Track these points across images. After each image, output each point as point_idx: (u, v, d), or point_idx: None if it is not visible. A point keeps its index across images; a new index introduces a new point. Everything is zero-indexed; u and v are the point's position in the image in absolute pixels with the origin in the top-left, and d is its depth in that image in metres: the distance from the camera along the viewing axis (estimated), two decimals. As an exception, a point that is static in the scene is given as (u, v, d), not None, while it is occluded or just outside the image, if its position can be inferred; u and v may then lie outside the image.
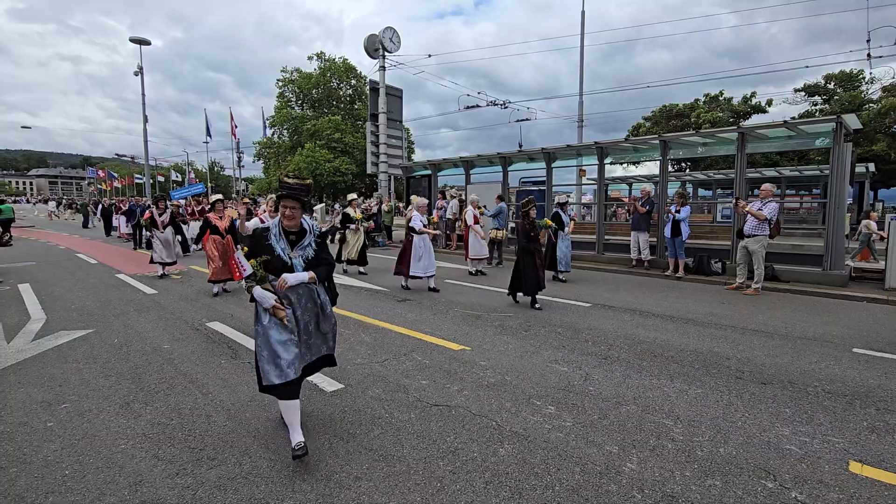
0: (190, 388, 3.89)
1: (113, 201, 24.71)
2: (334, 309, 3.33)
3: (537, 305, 6.85)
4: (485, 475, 2.67)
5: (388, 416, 3.39)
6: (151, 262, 9.51)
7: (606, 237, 12.09)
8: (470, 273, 10.07)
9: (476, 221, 10.19)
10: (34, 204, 46.12)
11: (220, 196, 8.63)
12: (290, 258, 2.93)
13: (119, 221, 19.14)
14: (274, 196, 5.25)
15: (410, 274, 8.04)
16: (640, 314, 6.54)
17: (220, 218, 8.06)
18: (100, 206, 24.36)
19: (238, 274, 2.85)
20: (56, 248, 15.38)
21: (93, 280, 9.18)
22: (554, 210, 9.56)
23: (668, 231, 9.54)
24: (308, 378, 4.09)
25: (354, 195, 10.92)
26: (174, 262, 9.75)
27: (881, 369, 4.38)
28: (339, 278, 9.40)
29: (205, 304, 7.08)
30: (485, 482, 2.60)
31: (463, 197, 15.90)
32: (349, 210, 10.05)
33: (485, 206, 12.91)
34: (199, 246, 13.95)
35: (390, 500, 2.44)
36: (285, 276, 2.84)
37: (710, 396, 3.75)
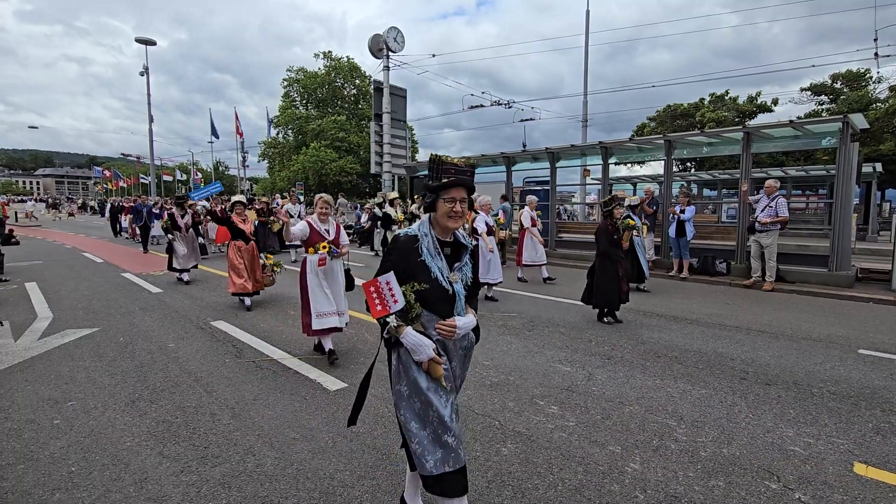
0: (195, 387, 3.91)
1: (117, 201, 24.45)
2: None
3: (607, 320, 6.03)
4: (487, 474, 2.67)
5: (390, 415, 3.40)
6: (170, 268, 8.89)
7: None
8: (519, 279, 9.13)
9: (533, 224, 9.12)
10: (34, 203, 46.53)
11: (240, 197, 7.54)
12: (451, 284, 1.98)
13: (126, 221, 19.10)
14: (324, 195, 4.66)
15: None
16: (644, 314, 6.52)
17: (244, 221, 7.03)
18: (108, 206, 24.35)
19: (381, 307, 1.83)
20: (62, 247, 15.50)
21: (98, 279, 9.24)
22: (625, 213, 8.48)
23: (672, 231, 9.51)
24: (310, 377, 4.12)
25: (396, 193, 10.13)
26: (195, 266, 9.18)
27: (887, 370, 4.35)
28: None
29: (209, 303, 7.12)
30: (487, 481, 2.60)
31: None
32: (391, 210, 9.18)
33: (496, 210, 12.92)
34: (215, 249, 13.68)
35: (393, 498, 2.45)
36: (457, 320, 1.95)
37: (713, 397, 3.74)
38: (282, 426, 3.23)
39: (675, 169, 13.00)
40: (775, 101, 30.53)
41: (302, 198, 14.05)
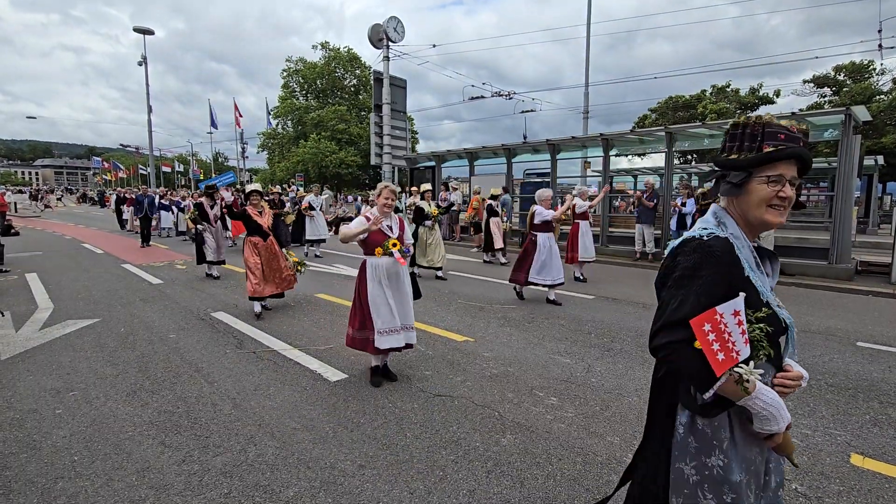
0: (196, 377, 3.93)
1: (122, 192, 23.03)
2: (328, 297, 3.37)
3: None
4: (487, 464, 2.69)
5: (391, 406, 3.42)
6: (199, 261, 8.44)
7: (610, 229, 12.05)
8: (577, 279, 8.32)
9: (585, 217, 8.38)
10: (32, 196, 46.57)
11: (256, 186, 6.57)
12: (782, 311, 1.38)
13: (128, 213, 18.31)
14: (389, 184, 3.80)
15: (529, 280, 6.51)
16: (644, 307, 6.53)
17: (260, 214, 6.09)
18: (113, 197, 22.96)
19: (725, 354, 1.12)
20: (62, 238, 15.49)
21: (99, 270, 9.25)
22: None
23: (674, 224, 9.50)
24: (311, 367, 4.14)
25: (428, 185, 8.83)
26: (223, 262, 8.68)
27: (885, 363, 4.37)
28: (345, 268, 9.43)
29: (210, 293, 7.13)
30: (487, 471, 2.63)
31: (466, 189, 15.86)
32: (423, 204, 8.22)
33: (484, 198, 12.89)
34: (231, 242, 12.98)
35: (393, 487, 2.48)
36: (795, 367, 1.38)
37: (712, 389, 3.75)
38: (282, 416, 3.25)
39: (675, 161, 12.96)
40: (777, 93, 30.36)
41: (325, 189, 13.31)
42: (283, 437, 2.97)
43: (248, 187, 6.42)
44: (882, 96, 25.54)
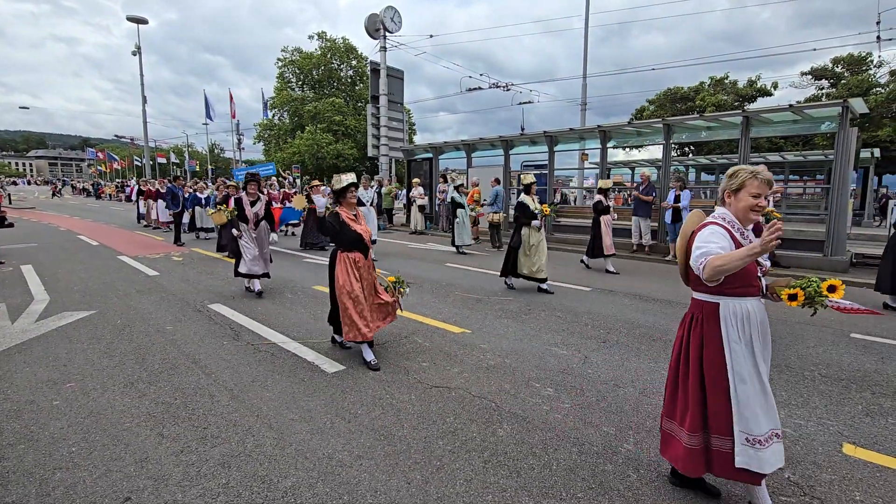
0: (193, 369, 3.94)
1: (139, 182, 20.37)
2: (327, 289, 3.23)
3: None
4: (483, 454, 2.71)
5: (389, 397, 3.44)
6: (237, 274, 6.59)
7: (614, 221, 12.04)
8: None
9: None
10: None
11: (351, 177, 4.22)
12: None
13: (156, 207, 15.61)
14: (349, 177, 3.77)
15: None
16: (640, 298, 6.56)
17: (355, 218, 4.19)
18: (134, 189, 20.29)
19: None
20: (57, 229, 15.40)
21: (95, 262, 9.21)
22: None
23: (668, 217, 9.52)
24: (308, 359, 4.15)
25: (532, 177, 7.34)
26: (266, 275, 6.70)
27: (878, 354, 4.41)
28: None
29: (206, 286, 7.11)
30: (483, 461, 2.65)
31: (463, 181, 15.81)
32: (528, 199, 6.85)
33: (485, 200, 12.89)
34: (274, 236, 11.43)
35: (391, 478, 2.49)
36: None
37: (707, 380, 3.79)
38: (280, 407, 3.26)
39: (673, 153, 12.95)
40: (775, 85, 30.28)
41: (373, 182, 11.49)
42: (281, 428, 2.99)
43: (342, 179, 4.13)
44: (879, 89, 25.53)
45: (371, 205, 9.75)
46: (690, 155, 29.65)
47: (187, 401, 3.36)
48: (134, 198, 19.54)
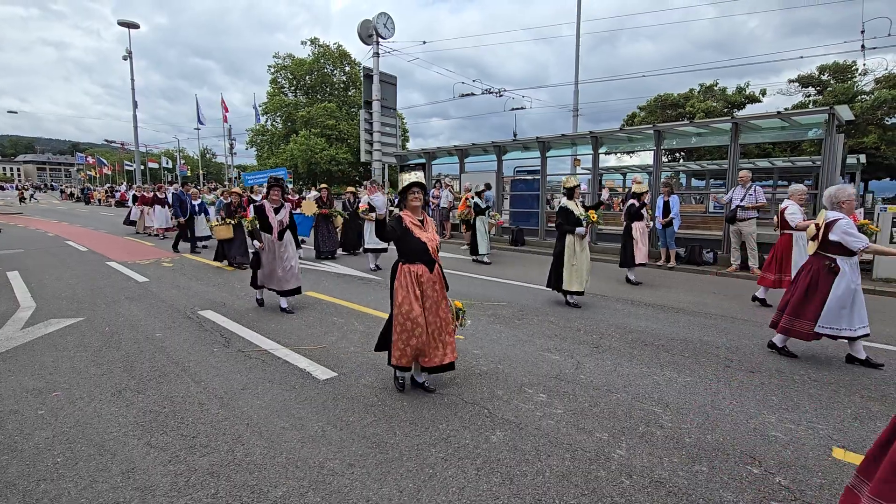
0: (182, 377, 3.89)
1: (134, 189, 18.74)
2: (318, 295, 3.13)
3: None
4: (476, 461, 2.70)
5: (381, 404, 3.41)
6: (254, 284, 5.94)
7: (599, 227, 12.11)
8: (756, 299, 6.60)
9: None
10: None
11: (417, 176, 3.58)
12: None
13: (153, 214, 14.78)
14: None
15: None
16: (632, 303, 6.59)
17: (421, 225, 3.56)
18: (130, 194, 18.98)
19: None
20: (45, 235, 15.19)
21: (83, 268, 9.09)
22: None
23: (658, 223, 9.59)
24: (300, 366, 4.12)
25: (576, 180, 6.54)
26: (297, 291, 5.89)
27: (866, 358, 4.45)
28: (334, 266, 9.37)
29: (196, 292, 7.04)
30: (476, 468, 2.63)
31: (457, 186, 15.86)
32: (571, 204, 6.20)
33: (474, 195, 12.90)
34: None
35: (383, 486, 2.47)
36: None
37: (698, 384, 3.81)
38: (271, 415, 3.23)
39: (664, 159, 13.07)
40: (763, 92, 30.76)
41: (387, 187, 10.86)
42: (272, 437, 2.95)
43: (403, 178, 3.56)
44: (864, 96, 26.00)
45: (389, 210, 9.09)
46: (681, 161, 29.96)
47: (176, 409, 3.31)
48: (130, 203, 18.20)
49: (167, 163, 52.98)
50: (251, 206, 6.12)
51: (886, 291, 7.27)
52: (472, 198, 10.83)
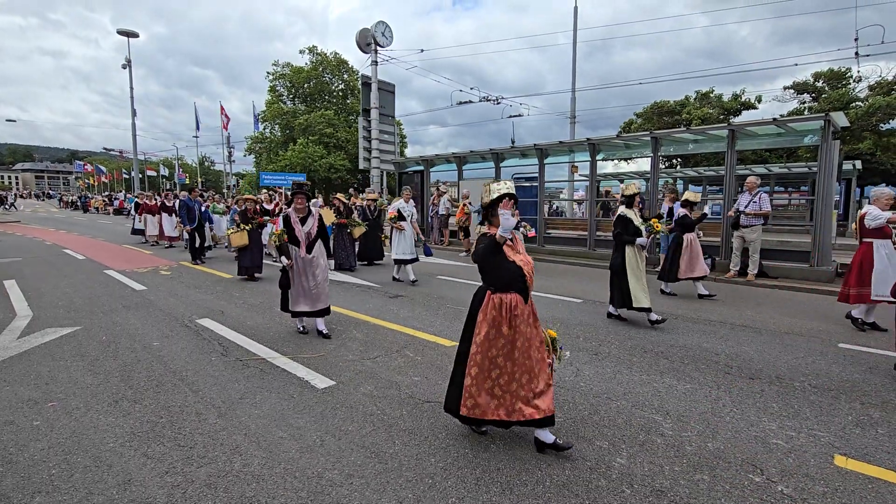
0: (179, 386, 3.86)
1: (138, 196, 17.96)
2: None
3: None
4: (476, 471, 2.68)
5: (380, 413, 3.39)
6: (284, 307, 5.29)
7: (598, 233, 12.14)
8: (856, 320, 5.74)
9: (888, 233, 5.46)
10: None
11: (507, 186, 2.96)
12: None
13: (159, 222, 14.42)
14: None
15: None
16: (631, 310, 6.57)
17: (513, 244, 2.98)
18: (133, 204, 18.12)
19: None
20: (42, 243, 15.15)
21: (80, 276, 9.05)
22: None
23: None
24: (298, 375, 4.09)
25: (637, 186, 6.06)
26: (326, 311, 5.25)
27: (865, 364, 4.45)
28: (338, 274, 9.35)
29: (195, 300, 7.02)
30: (476, 478, 2.61)
31: (455, 193, 15.89)
32: (631, 213, 5.82)
33: (471, 202, 12.94)
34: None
35: (382, 497, 2.45)
36: None
37: (698, 392, 3.79)
38: (269, 425, 3.20)
39: (661, 165, 13.12)
40: (759, 99, 30.96)
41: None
42: (270, 447, 2.93)
43: (492, 188, 2.95)
44: (859, 103, 26.20)
45: (411, 220, 8.71)
46: (678, 167, 30.09)
47: (173, 419, 3.29)
48: (133, 212, 17.57)
49: (165, 171, 53.04)
50: (278, 217, 5.53)
51: (883, 298, 7.26)
52: (469, 205, 10.84)
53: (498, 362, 2.82)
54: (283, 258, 5.11)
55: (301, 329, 5.36)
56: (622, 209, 5.95)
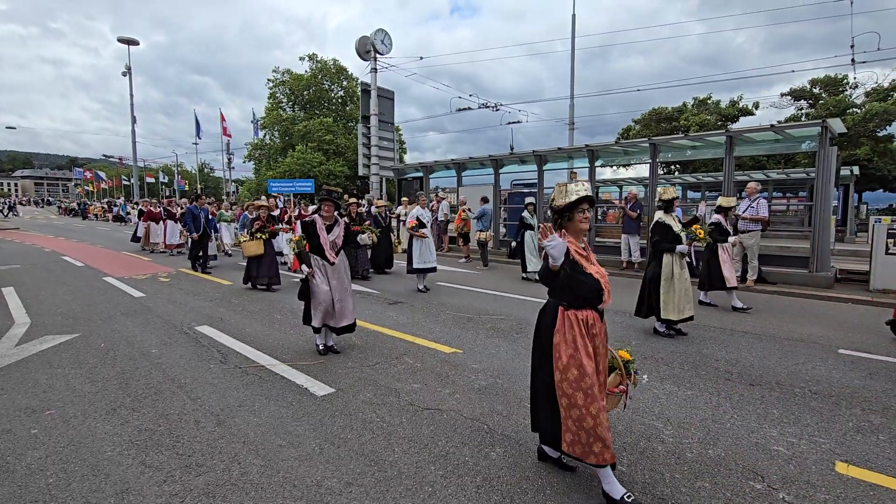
0: (178, 394, 3.84)
1: (141, 203, 17.76)
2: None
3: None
4: (476, 479, 2.66)
5: (379, 421, 3.38)
6: (307, 321, 4.85)
7: (597, 239, 12.16)
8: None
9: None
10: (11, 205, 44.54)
11: (585, 189, 2.57)
12: None
13: (161, 230, 14.41)
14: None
15: None
16: (630, 316, 6.56)
17: (586, 255, 2.70)
18: (136, 211, 18.18)
19: None
20: (41, 250, 15.13)
21: (79, 283, 9.03)
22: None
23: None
24: (297, 382, 4.08)
25: (675, 192, 5.79)
26: (352, 328, 4.93)
27: (866, 370, 4.45)
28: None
29: (194, 307, 7.00)
30: (476, 486, 2.60)
31: (452, 200, 15.91)
32: (670, 220, 5.65)
33: (469, 209, 12.97)
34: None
35: (381, 505, 2.43)
36: None
37: (699, 398, 3.78)
38: (268, 433, 3.18)
39: (659, 172, 13.18)
40: (756, 105, 31.16)
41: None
42: (268, 455, 2.91)
43: (568, 190, 2.57)
44: (856, 109, 26.37)
45: (430, 226, 8.45)
46: (676, 173, 30.19)
47: (171, 427, 3.27)
48: (135, 219, 17.23)
49: (164, 178, 53.10)
50: (297, 221, 5.33)
51: (883, 303, 7.28)
52: (468, 212, 10.79)
53: (588, 387, 2.43)
54: (304, 266, 4.71)
55: (321, 348, 4.88)
56: (660, 215, 5.66)
